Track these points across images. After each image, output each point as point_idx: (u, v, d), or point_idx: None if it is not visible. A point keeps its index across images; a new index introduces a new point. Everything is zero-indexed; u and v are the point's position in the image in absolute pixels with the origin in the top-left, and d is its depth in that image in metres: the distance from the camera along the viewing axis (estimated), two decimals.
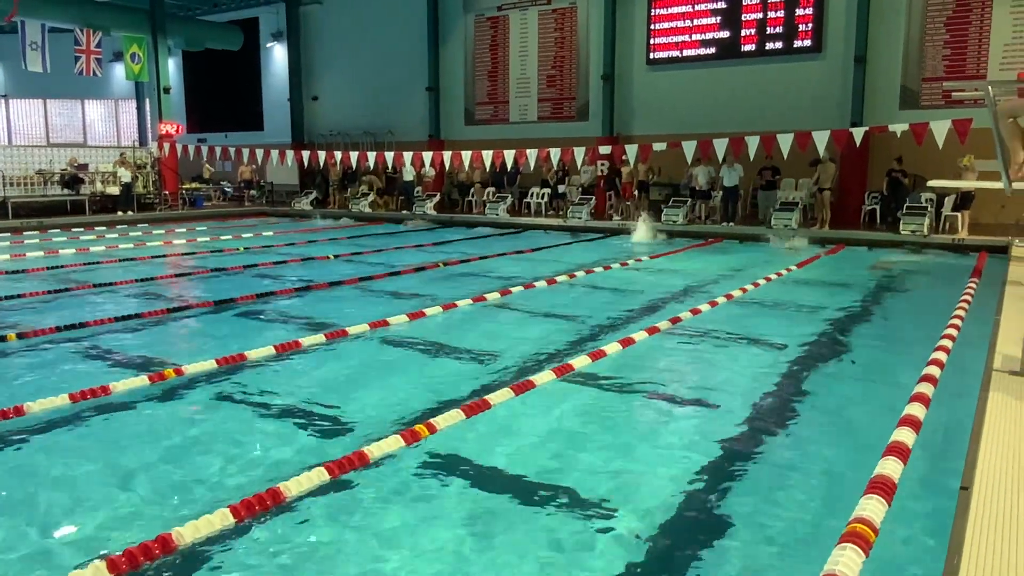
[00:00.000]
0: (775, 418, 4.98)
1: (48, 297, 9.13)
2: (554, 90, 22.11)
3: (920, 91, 17.00)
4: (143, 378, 5.52)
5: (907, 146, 14.62)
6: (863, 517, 3.15)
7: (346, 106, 26.20)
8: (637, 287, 10.05)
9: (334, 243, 15.39)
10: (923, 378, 5.22)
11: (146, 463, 4.20)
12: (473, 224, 19.07)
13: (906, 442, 4.01)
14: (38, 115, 31.18)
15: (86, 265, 11.86)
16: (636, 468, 4.18)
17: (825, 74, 18.00)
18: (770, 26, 18.55)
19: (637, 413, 5.20)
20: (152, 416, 4.98)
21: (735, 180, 16.90)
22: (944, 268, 12.05)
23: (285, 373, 6.02)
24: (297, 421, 4.90)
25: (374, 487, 3.86)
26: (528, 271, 11.30)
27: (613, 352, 6.42)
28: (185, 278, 10.94)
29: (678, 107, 19.78)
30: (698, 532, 3.49)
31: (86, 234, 16.62)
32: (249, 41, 27.56)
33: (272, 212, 23.00)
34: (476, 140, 22.30)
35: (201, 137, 28.11)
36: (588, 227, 17.77)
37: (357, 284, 10.17)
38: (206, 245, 15.01)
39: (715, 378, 5.88)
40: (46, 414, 4.83)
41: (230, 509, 3.43)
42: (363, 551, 3.27)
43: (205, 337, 7.44)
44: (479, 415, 4.82)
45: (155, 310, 8.13)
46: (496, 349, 6.70)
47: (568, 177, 20.38)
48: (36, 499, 3.77)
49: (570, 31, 21.64)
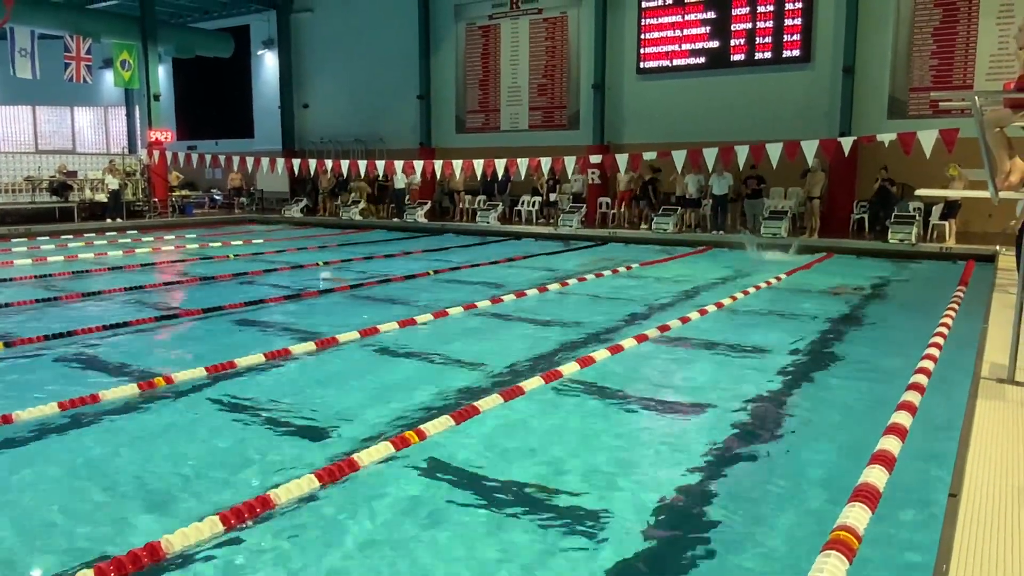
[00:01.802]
0: (764, 424, 5.00)
1: (36, 305, 9.07)
2: (545, 99, 22.18)
3: (908, 101, 17.15)
4: (132, 386, 5.50)
5: (895, 156, 14.73)
6: (847, 524, 3.17)
7: (337, 114, 26.20)
8: (627, 295, 10.07)
9: (325, 250, 15.35)
10: (910, 386, 5.25)
11: (135, 471, 4.17)
12: (463, 232, 19.08)
13: (891, 450, 4.03)
14: (27, 122, 31.01)
15: (74, 273, 11.79)
16: (626, 474, 4.18)
17: (814, 84, 18.13)
18: (759, 36, 18.68)
19: (626, 419, 5.21)
20: (141, 424, 4.95)
21: (725, 189, 16.99)
22: (928, 277, 12.15)
23: (275, 381, 6.00)
24: (287, 429, 4.89)
25: (364, 494, 3.85)
26: (518, 279, 11.32)
27: (602, 359, 6.43)
28: (174, 286, 10.89)
29: (668, 116, 19.87)
30: (687, 538, 3.50)
31: (75, 241, 16.53)
32: (240, 48, 27.53)
33: (262, 220, 22.94)
34: (467, 148, 22.35)
35: (191, 144, 28.03)
36: (578, 235, 17.82)
37: (347, 291, 10.16)
38: (196, 252, 14.96)
39: (704, 385, 5.89)
40: (35, 422, 4.80)
41: (219, 517, 3.41)
42: (354, 557, 3.26)
43: (195, 345, 7.40)
44: (468, 421, 4.82)
45: (144, 318, 8.09)
46: (485, 356, 6.70)
47: (559, 185, 20.43)
48: (22, 508, 3.74)
49: (561, 40, 21.73)
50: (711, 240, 16.34)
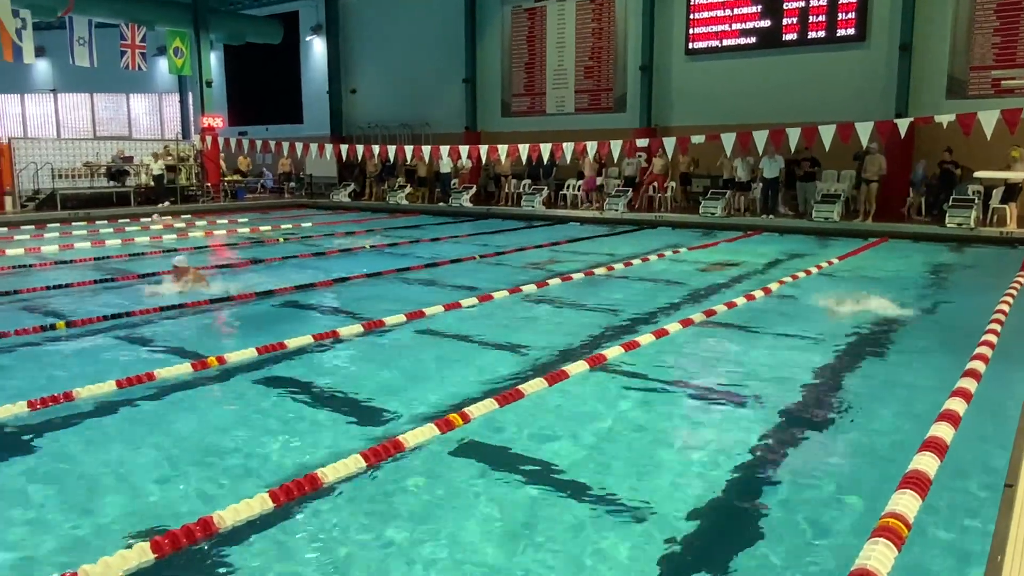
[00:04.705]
0: (811, 412, 4.92)
1: (94, 287, 9.36)
2: (591, 81, 21.99)
3: (968, 80, 16.56)
4: (186, 365, 5.65)
5: (953, 137, 14.27)
6: (896, 512, 3.11)
7: (384, 98, 26.37)
8: (673, 279, 9.98)
9: (370, 234, 15.51)
10: (966, 373, 5.12)
11: (188, 448, 4.30)
12: (508, 216, 19.09)
13: (944, 437, 3.94)
14: (85, 109, 31.91)
15: (130, 256, 12.13)
16: (669, 460, 4.16)
17: (869, 63, 17.62)
18: (813, 14, 18.21)
19: (671, 404, 5.18)
20: (194, 402, 5.10)
21: (775, 172, 16.67)
22: (987, 262, 11.77)
23: (323, 362, 6.11)
24: (334, 409, 4.98)
25: (408, 474, 3.91)
26: (563, 263, 11.29)
27: (646, 343, 6.40)
28: (226, 269, 11.13)
29: (717, 98, 19.52)
30: (731, 524, 3.48)
31: (131, 225, 16.99)
32: (289, 34, 27.86)
33: (311, 204, 23.27)
34: (512, 132, 22.32)
35: (242, 130, 28.52)
36: (624, 219, 17.68)
37: (395, 275, 10.26)
38: (246, 236, 15.26)
39: (750, 371, 5.81)
40: (93, 399, 4.98)
41: (269, 494, 3.50)
42: (395, 537, 3.32)
43: (245, 326, 7.57)
44: (512, 404, 4.84)
45: (198, 300, 8.29)
46: (530, 340, 6.71)
47: (605, 169, 20.28)
48: (83, 483, 3.89)
49: (608, 22, 21.49)
50: (761, 224, 16.06)
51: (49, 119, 31.55)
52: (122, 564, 2.95)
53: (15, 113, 31.12)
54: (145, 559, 3.02)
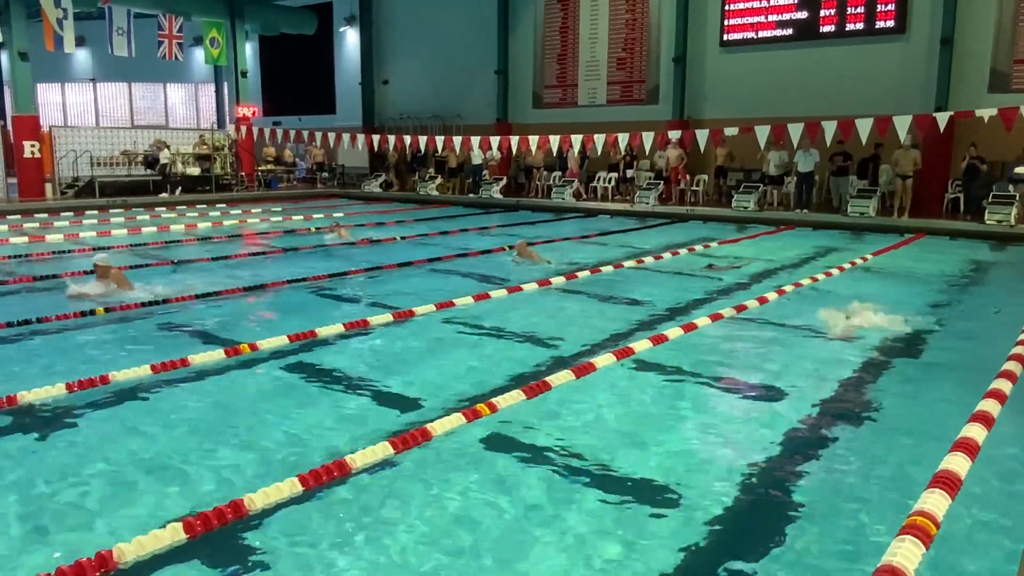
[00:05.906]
0: (842, 409, 4.87)
1: (130, 272, 9.53)
2: (624, 73, 21.85)
3: (1011, 73, 16.19)
4: (220, 352, 5.75)
5: (994, 132, 13.95)
6: (924, 510, 3.08)
7: (415, 89, 26.45)
8: (704, 273, 9.91)
9: (400, 225, 15.60)
10: (1001, 374, 5.03)
11: (220, 432, 4.39)
12: (538, 208, 19.07)
13: (975, 438, 3.89)
14: (123, 98, 32.46)
15: (166, 243, 12.34)
16: (697, 452, 4.16)
17: (908, 56, 17.30)
18: (851, 6, 17.91)
19: (699, 398, 5.15)
20: (227, 388, 5.19)
21: (811, 166, 16.45)
22: None
23: (353, 350, 6.18)
24: (363, 397, 5.04)
25: (435, 462, 3.95)
26: (595, 255, 11.27)
27: (675, 337, 6.37)
28: (259, 257, 11.27)
29: (752, 90, 19.30)
30: (760, 517, 3.47)
31: (167, 213, 17.27)
32: (323, 25, 28.03)
33: (343, 194, 23.46)
34: (544, 124, 22.26)
35: (276, 120, 28.80)
36: (655, 212, 17.57)
37: (425, 265, 10.32)
38: (280, 225, 15.43)
39: (780, 366, 5.77)
40: (129, 383, 5.09)
41: (299, 478, 3.56)
42: (422, 524, 3.36)
43: (278, 313, 7.67)
44: (539, 396, 4.86)
45: (232, 288, 8.41)
46: (557, 331, 6.72)
47: (636, 161, 20.16)
48: (119, 462, 3.98)
49: (642, 13, 21.32)
50: (794, 219, 15.87)
51: (88, 108, 32.14)
52: (155, 543, 3.03)
53: (56, 102, 31.75)
54: (178, 538, 3.09)
